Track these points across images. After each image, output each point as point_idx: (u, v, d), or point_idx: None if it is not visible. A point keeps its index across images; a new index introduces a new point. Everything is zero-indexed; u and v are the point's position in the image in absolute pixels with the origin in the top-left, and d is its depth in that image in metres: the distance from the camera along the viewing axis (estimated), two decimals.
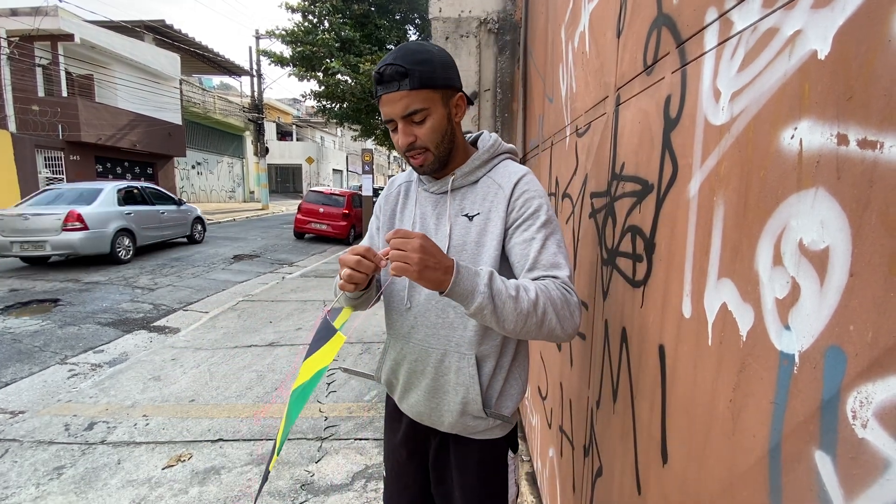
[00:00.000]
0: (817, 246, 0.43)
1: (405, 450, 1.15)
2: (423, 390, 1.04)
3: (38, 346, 4.20)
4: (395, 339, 1.09)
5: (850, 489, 0.39)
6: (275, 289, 6.55)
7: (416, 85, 0.88)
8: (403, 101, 0.89)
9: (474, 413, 1.00)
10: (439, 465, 1.10)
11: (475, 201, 0.99)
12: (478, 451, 1.06)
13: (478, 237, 0.96)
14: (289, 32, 11.67)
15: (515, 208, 0.94)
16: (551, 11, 1.78)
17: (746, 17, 0.55)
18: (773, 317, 0.49)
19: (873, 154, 0.38)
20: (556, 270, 0.88)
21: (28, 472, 2.37)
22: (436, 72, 0.91)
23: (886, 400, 0.36)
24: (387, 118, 0.93)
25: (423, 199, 1.06)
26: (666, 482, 0.73)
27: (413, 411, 1.08)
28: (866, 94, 0.38)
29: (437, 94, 0.92)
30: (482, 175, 1.01)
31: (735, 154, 0.57)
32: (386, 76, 0.89)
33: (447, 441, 1.08)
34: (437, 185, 1.03)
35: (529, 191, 0.95)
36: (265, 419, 2.91)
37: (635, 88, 0.90)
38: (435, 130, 0.93)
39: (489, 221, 0.96)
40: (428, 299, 1.01)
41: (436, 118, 0.92)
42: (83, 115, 12.82)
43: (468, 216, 0.98)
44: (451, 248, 0.98)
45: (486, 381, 0.99)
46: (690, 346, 0.66)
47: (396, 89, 0.88)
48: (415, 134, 0.92)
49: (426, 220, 1.04)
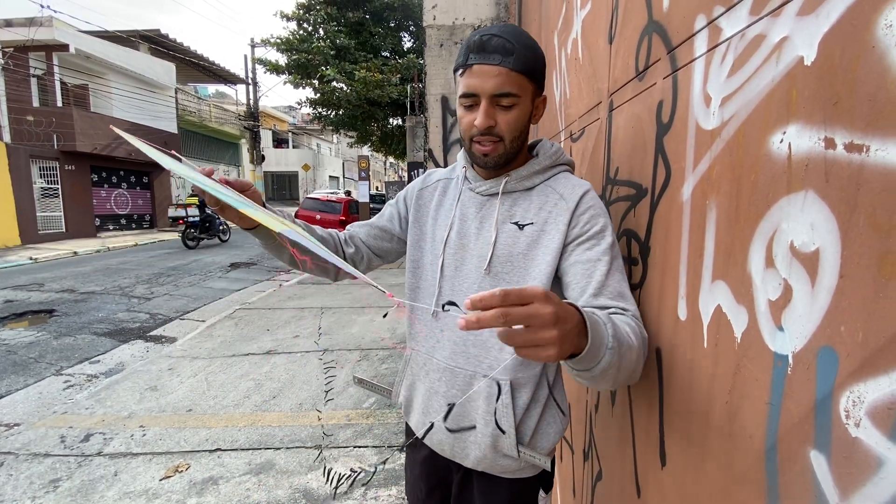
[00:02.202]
0: (808, 248, 0.44)
1: (424, 485, 1.04)
2: (442, 416, 0.92)
3: (33, 357, 4.16)
4: (416, 353, 0.99)
5: (845, 488, 0.39)
6: (272, 296, 6.53)
7: (519, 67, 0.79)
8: (500, 78, 0.79)
9: (505, 450, 0.88)
10: (462, 502, 0.99)
11: (529, 209, 0.88)
12: (506, 490, 0.93)
13: (527, 249, 0.86)
14: (284, 41, 11.72)
15: (580, 224, 0.83)
16: (544, 18, 1.80)
17: (734, 24, 0.56)
18: (767, 318, 0.49)
19: (860, 157, 0.38)
20: (623, 302, 0.76)
21: (24, 485, 2.34)
22: (538, 63, 0.83)
23: (878, 399, 0.36)
24: (469, 91, 0.81)
25: (466, 200, 0.94)
26: (665, 485, 0.74)
27: (433, 440, 0.96)
28: (851, 99, 0.39)
29: (530, 87, 0.83)
30: (539, 182, 0.89)
31: (726, 158, 0.57)
32: (490, 46, 0.78)
33: (471, 477, 0.96)
34: (486, 186, 0.91)
35: (596, 207, 0.85)
36: (264, 428, 2.90)
37: (628, 94, 0.91)
38: (517, 122, 0.83)
39: (544, 234, 0.85)
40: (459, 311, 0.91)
41: (522, 110, 0.83)
42: (78, 124, 12.79)
43: (518, 224, 0.87)
44: (495, 258, 0.87)
45: (520, 414, 0.87)
46: (686, 348, 0.67)
47: (497, 63, 0.78)
48: (496, 119, 0.82)
49: (466, 223, 0.92)
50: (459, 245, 0.92)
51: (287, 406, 3.20)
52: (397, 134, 13.11)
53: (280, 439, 2.76)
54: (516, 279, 0.87)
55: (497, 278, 0.88)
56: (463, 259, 0.92)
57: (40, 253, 10.23)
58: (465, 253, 0.91)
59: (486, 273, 0.88)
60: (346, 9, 11.63)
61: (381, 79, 10.71)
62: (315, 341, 4.52)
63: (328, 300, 6.19)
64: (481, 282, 0.89)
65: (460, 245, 0.92)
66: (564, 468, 1.48)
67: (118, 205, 15.56)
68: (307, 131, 33.97)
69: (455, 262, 0.92)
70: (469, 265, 0.91)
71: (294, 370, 3.83)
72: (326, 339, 4.65)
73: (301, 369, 3.85)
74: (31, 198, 12.08)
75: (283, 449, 2.66)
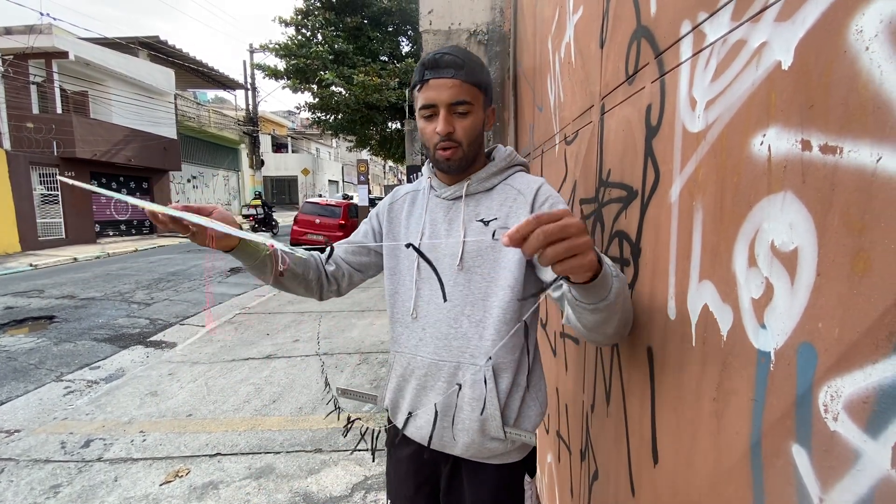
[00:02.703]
0: (787, 247, 0.45)
1: (412, 483, 1.07)
2: (434, 409, 0.98)
3: (33, 363, 4.17)
4: (400, 355, 1.04)
5: (825, 481, 0.40)
6: (271, 301, 6.54)
7: (470, 79, 0.90)
8: (454, 89, 0.89)
9: (492, 432, 0.94)
10: (452, 495, 1.03)
11: (491, 207, 0.97)
12: (494, 476, 0.99)
13: (494, 243, 0.94)
14: (282, 46, 11.76)
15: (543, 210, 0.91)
16: (538, 23, 1.82)
17: (717, 29, 0.57)
18: (750, 316, 0.50)
19: (834, 159, 0.40)
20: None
21: (24, 491, 2.34)
22: (484, 75, 0.95)
23: (854, 393, 0.37)
24: (428, 103, 0.91)
25: (433, 206, 1.03)
26: (658, 482, 0.74)
27: (422, 434, 1.01)
28: (826, 103, 0.41)
29: (481, 97, 0.94)
30: (498, 182, 0.99)
31: (711, 160, 0.59)
32: (443, 62, 0.89)
33: (459, 468, 1.01)
34: (450, 191, 1.00)
35: (553, 196, 0.95)
36: (263, 432, 2.90)
37: (618, 97, 0.92)
38: (473, 129, 0.94)
39: (508, 227, 0.91)
40: (438, 309, 0.96)
41: (475, 118, 0.94)
42: (78, 131, 12.83)
43: (484, 221, 0.96)
44: (466, 254, 0.95)
45: (503, 397, 0.94)
46: (676, 346, 0.68)
47: (450, 76, 0.89)
48: (454, 125, 0.92)
49: (436, 226, 1.00)
50: (432, 247, 0.99)
51: (287, 410, 3.21)
52: (396, 138, 13.15)
53: (280, 443, 2.77)
54: (487, 271, 0.94)
55: (470, 272, 0.95)
56: (437, 259, 0.98)
57: (40, 259, 10.24)
58: (437, 254, 0.98)
59: (459, 269, 0.95)
60: (344, 14, 11.68)
61: (379, 83, 10.74)
62: (317, 351, 4.53)
63: (328, 304, 6.20)
64: (455, 278, 0.95)
65: (432, 247, 0.99)
66: (562, 469, 1.49)
67: (118, 211, 15.59)
68: (306, 136, 34.06)
69: (429, 263, 0.99)
70: (443, 264, 0.97)
71: (294, 374, 3.83)
72: (326, 342, 4.65)
73: (301, 373, 3.85)
74: (31, 204, 12.10)
75: (283, 453, 2.67)
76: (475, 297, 0.95)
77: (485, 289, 0.94)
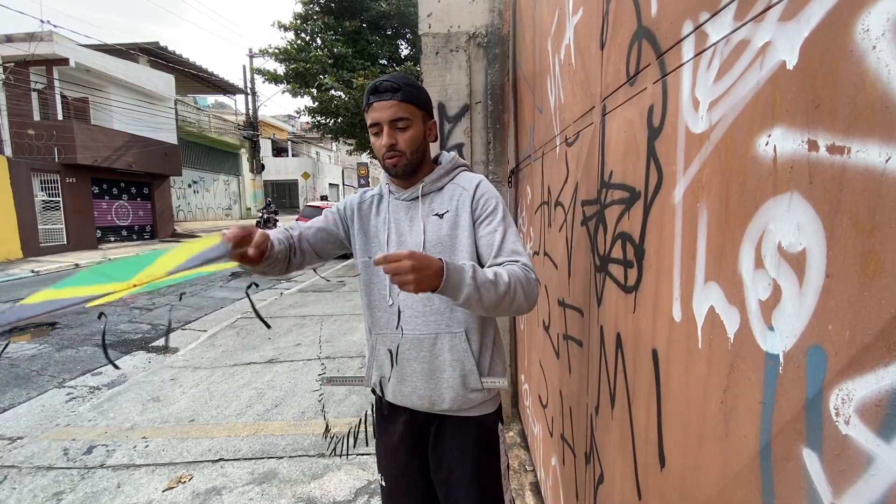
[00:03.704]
0: (795, 248, 0.44)
1: (405, 448, 1.22)
2: (420, 375, 1.14)
3: (35, 370, 4.16)
4: (382, 336, 1.20)
5: (838, 485, 0.40)
6: (273, 305, 6.53)
7: (406, 99, 1.09)
8: (392, 108, 1.08)
9: (472, 385, 1.13)
10: (438, 449, 1.19)
11: (443, 202, 1.15)
12: (474, 427, 1.17)
13: (450, 231, 1.12)
14: (282, 50, 11.78)
15: (479, 206, 1.12)
16: (538, 25, 1.82)
17: (720, 29, 0.57)
18: (758, 318, 0.50)
19: (842, 159, 0.39)
20: (517, 256, 1.06)
21: (27, 498, 2.34)
22: (420, 95, 1.13)
23: (866, 396, 0.37)
24: (374, 122, 1.10)
25: (394, 208, 1.20)
26: (665, 486, 0.74)
27: (412, 399, 1.17)
28: (832, 102, 0.40)
29: (418, 113, 1.12)
30: (447, 182, 1.18)
31: (715, 161, 0.58)
32: (381, 88, 1.08)
33: (444, 425, 1.18)
34: (407, 193, 1.18)
35: (488, 192, 1.15)
36: (266, 437, 2.89)
37: (620, 99, 0.92)
38: (413, 139, 1.11)
39: (458, 217, 1.13)
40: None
41: (415, 130, 1.11)
42: (79, 137, 12.86)
43: (438, 215, 1.14)
44: (427, 243, 1.12)
45: (476, 355, 1.14)
46: (682, 349, 0.67)
47: (388, 99, 1.08)
48: (396, 138, 1.09)
49: (400, 224, 1.18)
50: (399, 242, 1.17)
51: (289, 415, 3.20)
52: None
53: (283, 448, 2.76)
54: (447, 256, 1.10)
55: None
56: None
57: (42, 265, 10.25)
58: (404, 245, 1.15)
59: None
60: (343, 18, 11.71)
61: None
62: (318, 355, 4.52)
63: (329, 308, 6.20)
64: None
65: (399, 241, 1.16)
66: (567, 472, 1.48)
67: (119, 216, 15.61)
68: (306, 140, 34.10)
69: None
70: None
71: (296, 378, 3.82)
72: (328, 346, 4.64)
73: (303, 377, 3.84)
74: (32, 211, 12.12)
75: (286, 458, 2.65)
76: None
77: None
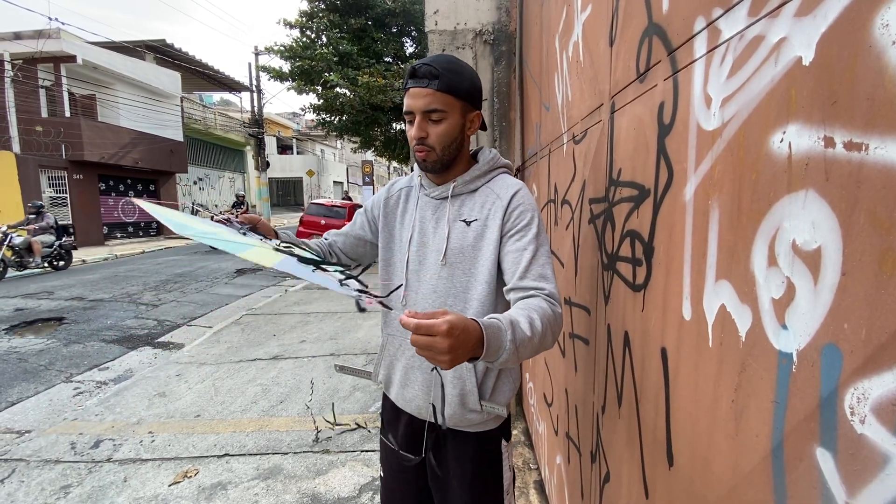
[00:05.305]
0: (810, 246, 0.44)
1: (406, 446, 1.20)
2: (421, 385, 1.10)
3: (43, 364, 4.21)
4: (391, 336, 1.16)
5: (852, 485, 0.39)
6: (278, 302, 6.56)
7: (443, 88, 0.97)
8: (428, 98, 0.97)
9: (471, 405, 1.06)
10: (437, 456, 1.15)
11: (473, 208, 1.05)
12: (474, 442, 1.11)
13: (475, 241, 1.03)
14: (287, 48, 11.79)
15: (511, 218, 1.01)
16: (545, 22, 1.81)
17: (733, 25, 0.56)
18: (771, 317, 0.49)
19: (859, 156, 0.39)
20: (543, 282, 0.93)
21: (35, 491, 2.36)
22: (463, 83, 0.99)
23: (882, 395, 0.36)
24: (408, 109, 1.00)
25: (423, 204, 1.12)
26: (673, 485, 0.73)
27: (412, 405, 1.13)
28: (850, 98, 0.40)
29: (458, 103, 1.00)
30: (481, 185, 1.07)
31: (727, 158, 0.58)
32: (420, 72, 0.97)
33: (444, 435, 1.13)
34: (438, 191, 1.09)
35: (524, 203, 1.02)
36: (271, 433, 2.91)
37: (629, 96, 0.91)
38: (446, 134, 1.00)
39: (486, 228, 1.02)
40: (425, 297, 1.07)
41: (450, 123, 1.00)
42: (86, 134, 12.96)
43: (466, 221, 1.05)
44: (449, 251, 1.04)
45: (480, 376, 1.06)
46: (692, 348, 0.67)
47: (425, 86, 0.97)
48: (427, 131, 0.99)
49: (425, 224, 1.10)
50: (421, 243, 1.10)
51: (294, 411, 3.22)
52: (400, 139, 13.15)
53: (288, 444, 2.77)
54: (468, 267, 1.04)
55: (452, 268, 1.05)
56: (425, 255, 1.09)
57: None
58: (425, 249, 1.09)
59: (442, 264, 1.05)
60: (348, 15, 11.70)
61: (383, 84, 10.74)
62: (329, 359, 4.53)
63: (334, 305, 6.21)
64: (440, 272, 1.05)
65: (421, 243, 1.10)
66: (572, 470, 1.47)
67: (125, 213, 15.71)
68: (311, 137, 34.17)
69: (418, 257, 1.10)
70: (430, 259, 1.08)
71: (301, 375, 3.84)
72: (333, 343, 4.66)
73: (308, 374, 3.86)
74: None
75: (291, 454, 2.67)
76: (457, 290, 1.05)
77: (465, 283, 1.05)
